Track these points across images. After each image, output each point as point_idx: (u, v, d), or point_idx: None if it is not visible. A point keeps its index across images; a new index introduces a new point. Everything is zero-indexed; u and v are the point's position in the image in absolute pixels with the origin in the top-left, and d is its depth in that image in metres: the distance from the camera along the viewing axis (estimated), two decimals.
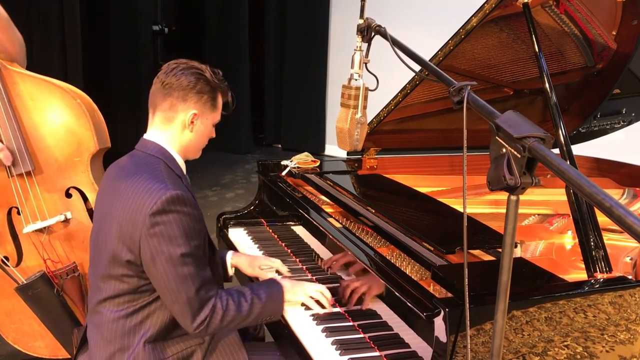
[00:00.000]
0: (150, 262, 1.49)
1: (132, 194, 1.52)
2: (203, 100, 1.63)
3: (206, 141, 1.74)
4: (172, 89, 1.61)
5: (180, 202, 1.50)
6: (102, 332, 1.60)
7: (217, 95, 1.68)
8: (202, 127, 1.66)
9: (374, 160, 2.65)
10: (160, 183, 1.51)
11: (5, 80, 2.16)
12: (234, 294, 1.60)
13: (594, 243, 1.64)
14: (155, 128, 1.65)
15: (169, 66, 1.65)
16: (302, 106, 6.97)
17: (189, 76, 1.62)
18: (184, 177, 1.66)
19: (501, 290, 1.00)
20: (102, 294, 1.59)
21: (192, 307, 1.51)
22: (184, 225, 1.49)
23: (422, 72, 1.51)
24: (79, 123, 2.22)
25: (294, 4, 6.77)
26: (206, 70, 1.66)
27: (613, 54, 2.47)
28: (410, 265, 1.66)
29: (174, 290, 1.50)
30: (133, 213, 1.49)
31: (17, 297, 2.21)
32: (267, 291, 1.66)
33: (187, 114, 1.62)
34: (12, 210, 2.26)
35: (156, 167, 1.58)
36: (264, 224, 2.42)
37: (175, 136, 1.64)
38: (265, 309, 1.63)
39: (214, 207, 5.06)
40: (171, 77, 1.62)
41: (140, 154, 1.64)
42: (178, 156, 1.66)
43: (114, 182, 1.61)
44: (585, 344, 1.48)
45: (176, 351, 1.62)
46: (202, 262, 1.56)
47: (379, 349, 1.53)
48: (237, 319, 1.58)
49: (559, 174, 0.89)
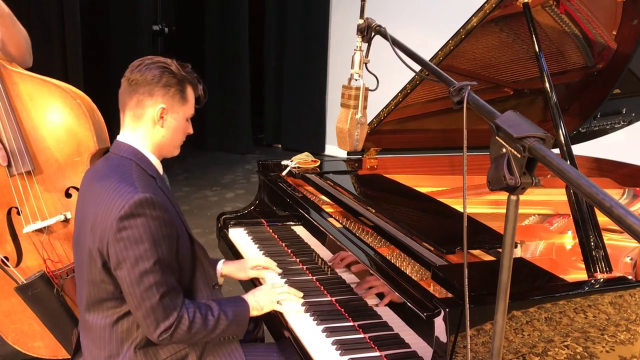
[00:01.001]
0: (116, 267, 1.48)
1: (102, 197, 1.50)
2: (170, 94, 1.59)
3: (182, 137, 1.69)
4: (137, 85, 1.58)
5: (149, 206, 1.47)
6: (93, 339, 1.59)
7: (186, 87, 1.63)
8: (173, 122, 1.63)
9: (374, 160, 2.65)
10: (130, 186, 1.49)
11: (5, 80, 2.16)
12: (201, 306, 1.58)
13: (594, 243, 1.64)
14: (126, 128, 1.63)
15: (134, 63, 1.62)
16: (302, 106, 6.97)
17: (153, 70, 1.58)
18: (159, 178, 1.63)
19: (501, 290, 1.00)
20: (86, 300, 1.58)
21: (156, 314, 1.48)
22: (152, 230, 1.47)
23: (422, 72, 1.51)
24: (78, 123, 2.22)
25: (294, 4, 6.77)
26: (172, 63, 1.61)
27: (613, 54, 2.47)
28: (410, 265, 1.66)
29: (137, 297, 1.47)
30: (103, 217, 1.48)
31: (16, 297, 2.21)
32: (234, 309, 1.63)
33: (155, 109, 1.59)
34: (11, 211, 2.26)
35: (127, 170, 1.55)
36: (264, 224, 2.42)
37: (147, 134, 1.61)
38: (229, 328, 1.61)
39: (214, 207, 5.06)
40: (136, 73, 1.59)
41: (114, 157, 1.61)
42: (152, 155, 1.63)
43: (89, 186, 1.60)
44: (585, 344, 1.48)
45: (169, 354, 1.61)
46: (168, 269, 1.52)
47: (379, 349, 1.53)
48: (201, 332, 1.56)
49: (559, 174, 0.89)
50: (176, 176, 5.91)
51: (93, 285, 1.55)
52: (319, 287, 1.88)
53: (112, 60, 5.60)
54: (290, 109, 7.07)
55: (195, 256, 1.68)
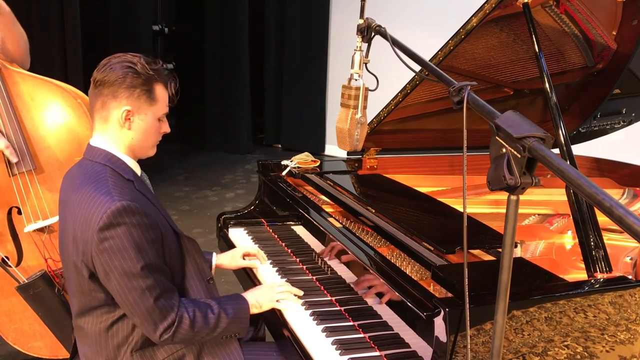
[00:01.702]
0: (105, 278, 1.46)
1: (80, 208, 1.46)
2: (136, 95, 1.52)
3: (156, 137, 1.62)
4: (102, 86, 1.52)
5: (127, 213, 1.43)
6: (89, 344, 1.59)
7: (153, 87, 1.55)
8: (142, 123, 1.55)
9: (374, 160, 2.65)
10: (105, 195, 1.45)
11: (5, 80, 2.16)
12: (201, 304, 1.57)
13: (594, 243, 1.64)
14: (97, 132, 1.57)
15: (101, 63, 1.55)
16: (302, 106, 6.97)
17: (117, 70, 1.51)
18: (137, 180, 1.58)
19: (501, 290, 1.00)
20: (79, 307, 1.57)
21: (153, 317, 1.47)
22: (134, 237, 1.44)
23: (422, 72, 1.51)
24: (79, 123, 2.23)
25: (294, 4, 6.77)
26: (138, 62, 1.53)
27: (613, 54, 2.48)
28: (410, 265, 1.67)
29: (131, 303, 1.46)
30: (83, 229, 1.45)
31: (17, 297, 2.21)
32: (234, 308, 1.62)
33: (120, 111, 1.52)
34: (12, 210, 2.27)
35: (102, 177, 1.51)
36: (264, 224, 2.42)
37: (117, 137, 1.55)
38: (230, 326, 1.60)
39: (214, 207, 5.06)
40: (101, 73, 1.52)
41: (87, 163, 1.57)
42: (127, 157, 1.58)
43: (66, 195, 1.56)
44: (585, 344, 1.48)
45: (167, 354, 1.60)
46: (159, 271, 1.50)
47: (379, 348, 1.53)
48: (203, 330, 1.55)
49: (559, 174, 0.89)
50: (176, 176, 5.91)
51: (83, 294, 1.53)
52: (319, 286, 1.88)
53: None
54: (290, 109, 7.07)
55: (185, 251, 1.65)
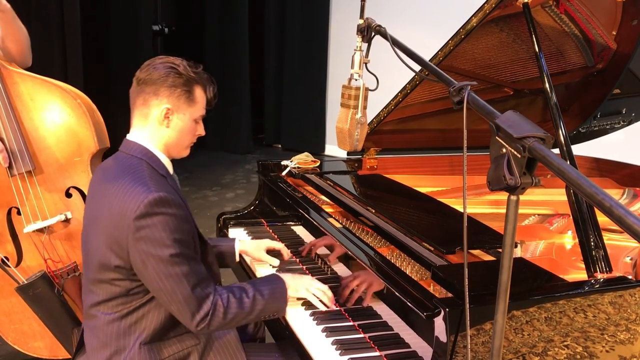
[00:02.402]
0: (141, 266, 1.48)
1: (115, 198, 1.49)
2: (176, 94, 1.58)
3: (191, 138, 1.68)
4: (144, 84, 1.58)
5: (164, 204, 1.47)
6: (98, 335, 1.60)
7: (194, 88, 1.61)
8: (180, 122, 1.61)
9: (374, 160, 2.65)
10: (143, 186, 1.49)
11: (5, 80, 2.16)
12: (235, 290, 1.58)
13: (594, 243, 1.64)
14: (135, 127, 1.63)
15: (145, 63, 1.62)
16: (302, 106, 6.97)
17: (160, 70, 1.58)
18: (170, 177, 1.63)
19: (501, 290, 1.00)
20: (94, 297, 1.58)
21: (190, 305, 1.50)
22: (170, 226, 1.47)
23: (422, 72, 1.51)
24: (79, 123, 2.23)
25: (294, 4, 6.77)
26: (181, 63, 1.60)
27: (613, 54, 2.48)
28: (410, 265, 1.67)
29: (168, 291, 1.48)
30: (118, 218, 1.47)
31: (16, 297, 2.21)
32: (269, 288, 1.64)
33: (160, 108, 1.58)
34: (11, 210, 2.26)
35: (139, 169, 1.55)
36: (264, 224, 2.42)
37: (155, 133, 1.61)
38: (268, 306, 1.62)
39: (214, 207, 5.06)
40: (144, 72, 1.59)
41: (123, 156, 1.61)
42: (162, 155, 1.63)
43: (99, 186, 1.59)
44: (585, 344, 1.48)
45: (172, 352, 1.61)
46: (194, 260, 1.54)
47: (379, 348, 1.53)
48: (239, 316, 1.56)
49: (559, 174, 0.89)
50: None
51: (105, 284, 1.55)
52: None
53: (112, 60, 5.60)
54: (290, 109, 7.06)
55: (204, 256, 1.69)
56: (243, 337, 1.76)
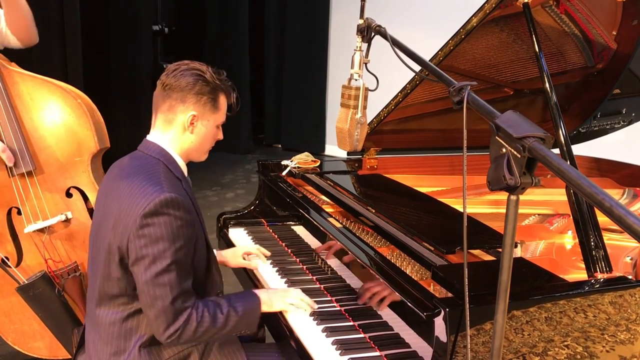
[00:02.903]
0: (134, 262, 1.49)
1: (128, 194, 1.51)
2: (202, 102, 1.62)
3: (211, 143, 1.72)
4: (171, 90, 1.60)
5: (174, 206, 1.48)
6: (100, 333, 1.60)
7: (219, 96, 1.66)
8: (203, 129, 1.65)
9: (374, 160, 2.65)
10: (156, 185, 1.50)
11: (5, 80, 2.16)
12: (210, 305, 1.58)
13: (594, 243, 1.64)
14: (157, 130, 1.65)
15: (171, 67, 1.63)
16: (302, 106, 6.97)
17: (187, 77, 1.60)
18: (185, 180, 1.65)
19: (501, 290, 1.00)
20: (98, 295, 1.59)
21: (167, 316, 1.49)
22: (173, 229, 1.47)
23: (422, 72, 1.51)
24: (79, 123, 2.23)
25: (294, 4, 6.77)
26: (207, 71, 1.64)
27: (613, 54, 2.48)
28: (410, 265, 1.67)
29: (150, 296, 1.48)
30: (127, 214, 1.49)
31: (16, 297, 2.21)
32: (244, 304, 1.63)
33: (186, 115, 1.61)
34: (12, 210, 2.27)
35: (155, 169, 1.57)
36: (264, 224, 2.42)
37: (177, 138, 1.64)
38: (240, 323, 1.61)
39: (214, 207, 5.06)
40: (171, 78, 1.61)
41: (141, 155, 1.63)
42: (179, 158, 1.65)
43: (113, 182, 1.61)
44: (585, 344, 1.48)
45: (172, 353, 1.61)
46: (184, 271, 1.53)
47: (379, 348, 1.53)
48: (210, 331, 1.56)
49: (559, 174, 0.89)
50: None
51: (108, 280, 1.55)
52: (319, 287, 1.88)
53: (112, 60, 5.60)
54: (290, 109, 7.06)
55: (209, 263, 1.70)
56: (243, 337, 1.76)
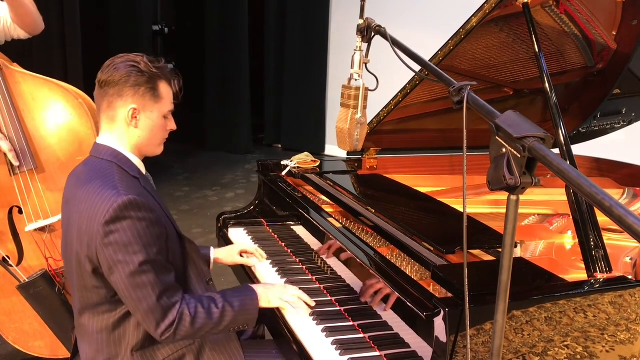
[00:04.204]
0: (108, 272, 1.47)
1: (86, 203, 1.48)
2: (140, 93, 1.54)
3: (163, 135, 1.64)
4: (107, 86, 1.54)
5: (134, 208, 1.45)
6: (90, 343, 1.59)
7: (157, 84, 1.57)
8: (148, 121, 1.58)
9: (374, 160, 2.65)
10: (112, 189, 1.46)
11: (7, 79, 2.17)
12: (204, 300, 1.57)
13: (594, 243, 1.64)
14: (104, 131, 1.60)
15: (105, 64, 1.58)
16: (302, 106, 6.97)
17: (121, 70, 1.53)
18: (143, 178, 1.60)
19: (501, 290, 1.01)
20: (80, 305, 1.57)
21: (155, 314, 1.47)
22: (139, 231, 1.45)
23: (422, 72, 1.51)
24: (80, 122, 2.23)
25: (294, 3, 6.77)
26: (141, 61, 1.56)
27: (613, 54, 2.48)
28: (410, 265, 1.67)
29: (134, 299, 1.46)
30: (88, 223, 1.46)
31: (17, 296, 2.21)
32: (240, 299, 1.61)
33: (126, 109, 1.54)
34: (13, 209, 2.27)
35: (109, 173, 1.53)
36: (264, 224, 2.42)
37: (124, 135, 1.58)
38: (237, 318, 1.59)
39: (214, 207, 5.06)
40: (105, 74, 1.55)
41: (94, 160, 1.59)
42: (132, 156, 1.60)
43: (71, 191, 1.58)
44: (585, 344, 1.48)
45: (167, 354, 1.60)
46: (163, 268, 1.51)
47: (379, 348, 1.53)
48: (207, 326, 1.54)
49: (559, 174, 0.89)
50: (176, 176, 5.90)
51: (85, 290, 1.54)
52: (319, 286, 1.88)
53: None
54: (290, 109, 7.06)
55: (186, 253, 1.66)
56: (242, 336, 1.76)
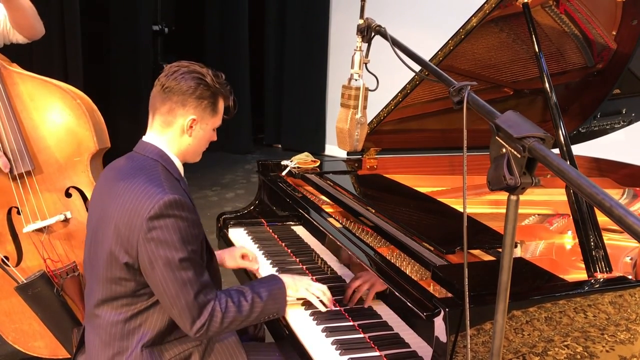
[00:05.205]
0: (148, 267, 1.48)
1: (129, 197, 1.50)
2: (203, 106, 1.61)
3: (206, 145, 1.72)
4: (171, 93, 1.58)
5: (178, 207, 1.48)
6: (100, 335, 1.59)
7: (218, 100, 1.65)
8: (201, 132, 1.64)
9: (374, 160, 2.65)
10: (158, 187, 1.50)
11: (5, 80, 2.16)
12: (233, 294, 1.59)
13: (594, 243, 1.64)
14: (154, 131, 1.64)
15: (170, 69, 1.62)
16: (302, 106, 6.97)
17: (189, 81, 1.59)
18: (182, 180, 1.65)
19: (501, 290, 1.00)
20: (99, 296, 1.58)
21: (191, 311, 1.50)
22: (181, 229, 1.48)
23: (422, 72, 1.51)
24: (78, 123, 2.23)
25: (294, 4, 6.77)
26: (207, 74, 1.62)
27: (613, 54, 2.48)
28: (410, 265, 1.67)
29: (172, 295, 1.49)
30: (130, 216, 1.48)
31: (17, 297, 2.21)
32: (268, 289, 1.64)
33: (186, 119, 1.60)
34: (11, 210, 2.27)
35: (154, 170, 1.57)
36: (264, 224, 2.42)
37: (174, 140, 1.63)
38: (267, 308, 1.62)
39: (214, 207, 5.06)
40: (171, 80, 1.59)
41: (139, 157, 1.62)
42: (177, 159, 1.65)
43: (111, 184, 1.59)
44: (585, 343, 1.48)
45: (174, 354, 1.62)
46: (200, 266, 1.54)
47: (379, 348, 1.53)
48: (237, 320, 1.57)
49: (559, 174, 0.89)
50: None
51: (111, 282, 1.55)
52: None
53: (112, 60, 5.60)
54: (290, 109, 7.06)
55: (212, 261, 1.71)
56: (243, 337, 1.76)
